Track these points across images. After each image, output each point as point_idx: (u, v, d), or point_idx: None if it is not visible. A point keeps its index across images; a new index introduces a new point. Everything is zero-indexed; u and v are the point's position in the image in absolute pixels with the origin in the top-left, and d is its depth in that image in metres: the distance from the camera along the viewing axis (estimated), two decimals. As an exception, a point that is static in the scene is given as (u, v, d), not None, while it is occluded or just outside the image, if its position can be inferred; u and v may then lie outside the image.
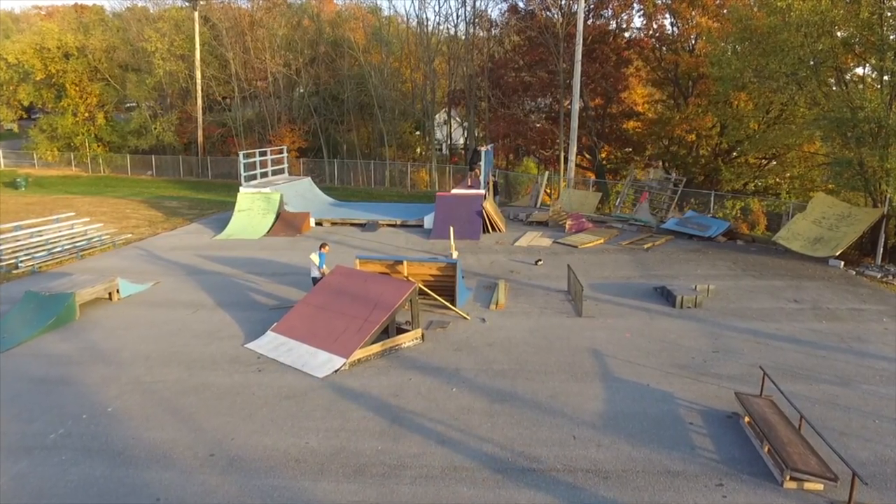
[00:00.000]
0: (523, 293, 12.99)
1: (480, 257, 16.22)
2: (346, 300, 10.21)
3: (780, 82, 15.71)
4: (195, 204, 27.36)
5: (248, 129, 39.48)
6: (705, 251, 16.86)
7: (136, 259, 16.34)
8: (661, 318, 11.44)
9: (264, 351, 9.75)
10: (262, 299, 12.74)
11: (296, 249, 17.25)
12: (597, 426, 7.49)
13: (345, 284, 10.57)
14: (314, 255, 11.86)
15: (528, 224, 20.57)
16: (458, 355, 9.65)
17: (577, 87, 23.92)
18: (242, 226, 19.57)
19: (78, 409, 7.97)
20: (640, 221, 20.15)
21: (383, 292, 9.99)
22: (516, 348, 9.92)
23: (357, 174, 35.86)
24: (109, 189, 33.09)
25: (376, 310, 9.71)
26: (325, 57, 38.43)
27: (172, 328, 10.99)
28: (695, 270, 14.84)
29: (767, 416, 7.25)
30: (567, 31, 27.36)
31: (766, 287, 13.44)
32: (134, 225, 21.75)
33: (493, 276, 14.41)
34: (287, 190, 21.89)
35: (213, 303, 12.53)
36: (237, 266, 15.46)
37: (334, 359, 9.15)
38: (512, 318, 11.43)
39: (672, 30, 28.04)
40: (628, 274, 14.56)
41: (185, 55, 38.40)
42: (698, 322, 11.20)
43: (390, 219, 20.59)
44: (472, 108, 35.22)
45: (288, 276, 14.38)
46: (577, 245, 17.28)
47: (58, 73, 39.34)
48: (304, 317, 10.27)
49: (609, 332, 10.65)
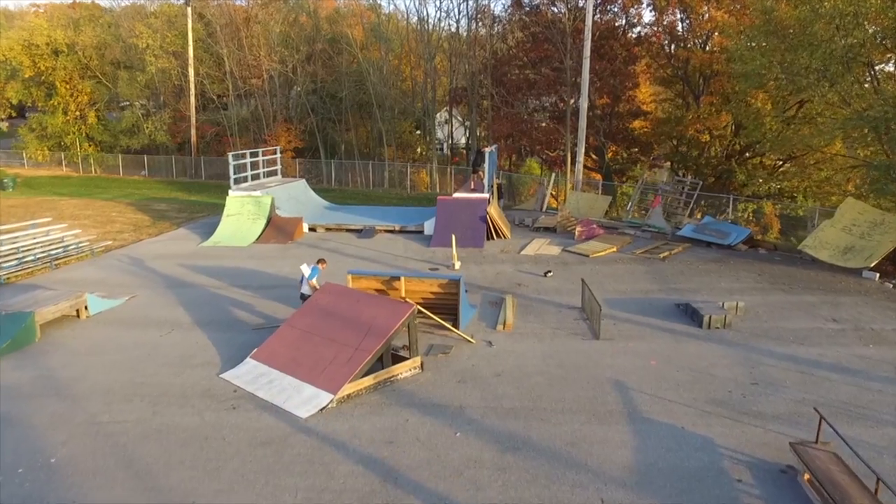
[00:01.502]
0: (533, 310, 11.81)
1: (485, 268, 15.04)
2: (335, 323, 9.03)
3: (811, 78, 14.48)
4: (185, 207, 26.20)
5: (243, 129, 38.28)
6: (726, 261, 15.67)
7: (113, 269, 15.16)
8: (688, 340, 10.26)
9: (242, 382, 8.58)
10: (245, 317, 11.56)
11: (286, 258, 16.07)
12: (627, 485, 6.30)
13: (334, 305, 9.39)
14: (305, 267, 10.68)
15: (534, 230, 19.37)
16: (462, 388, 8.47)
17: (585, 85, 22.71)
18: (231, 232, 18.38)
19: (15, 458, 6.80)
20: (653, 227, 18.96)
21: (377, 315, 8.81)
22: (528, 379, 8.74)
23: (355, 175, 34.67)
24: (99, 190, 31.94)
25: (369, 336, 8.53)
26: (322, 54, 37.21)
27: (142, 352, 9.81)
28: (717, 283, 13.65)
29: (834, 476, 6.07)
30: (574, 26, 26.11)
31: (799, 303, 12.25)
32: (118, 230, 20.58)
33: (498, 289, 13.23)
34: (280, 193, 20.71)
35: (190, 321, 11.35)
36: (222, 277, 14.28)
37: (320, 394, 7.97)
38: (522, 340, 10.24)
39: (683, 25, 26.78)
40: (646, 287, 13.37)
41: (179, 52, 37.21)
42: (730, 346, 10.01)
43: (388, 224, 19.41)
44: (474, 106, 34.00)
45: (276, 290, 13.19)
46: (589, 254, 16.09)
47: (47, 71, 38.17)
48: (288, 342, 9.09)
49: (632, 359, 9.47)
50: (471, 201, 18.30)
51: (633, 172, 35.73)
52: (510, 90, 30.33)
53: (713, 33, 23.52)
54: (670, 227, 18.77)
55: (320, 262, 10.78)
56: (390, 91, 36.32)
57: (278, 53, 35.82)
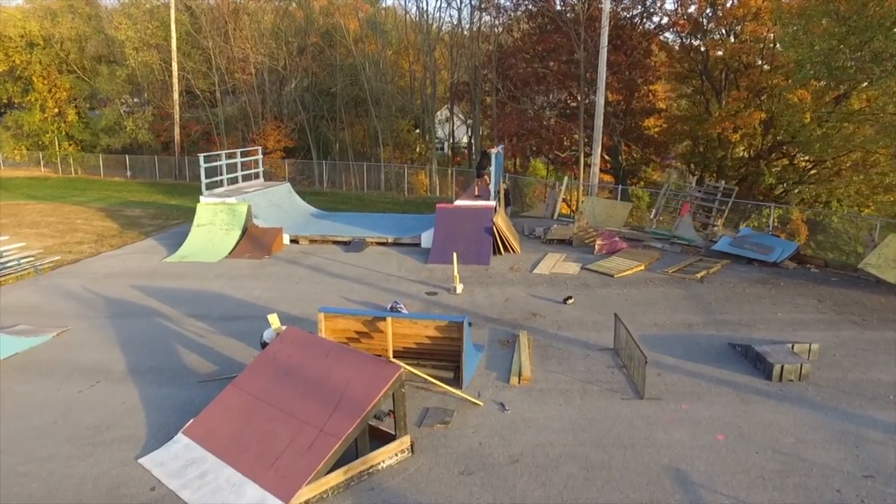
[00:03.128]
0: (554, 353, 9.48)
1: (492, 291, 12.70)
2: (295, 389, 6.70)
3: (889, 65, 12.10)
4: (161, 212, 23.89)
5: (231, 127, 35.97)
6: (775, 283, 13.32)
7: (53, 292, 12.84)
8: (759, 401, 7.92)
9: (165, 473, 6.26)
10: (194, 362, 9.24)
11: (259, 278, 13.76)
12: None
13: (296, 361, 7.06)
14: (274, 318, 8.37)
15: (546, 242, 17.02)
16: (467, 485, 6.15)
17: (602, 78, 20.37)
18: (200, 245, 16.06)
19: None
20: (683, 240, 16.62)
21: (352, 380, 6.48)
22: (557, 469, 6.41)
23: (349, 177, 32.33)
24: (77, 193, 29.65)
25: (339, 412, 6.20)
26: (314, 47, 34.85)
27: (46, 419, 7.50)
28: (772, 314, 11.31)
29: None
30: (588, 13, 23.72)
31: (882, 342, 9.92)
32: (78, 241, 18.26)
33: (510, 321, 10.90)
34: (259, 199, 18.40)
35: (124, 368, 9.03)
36: (178, 304, 11.96)
37: (268, 500, 5.65)
38: (543, 401, 7.91)
39: (708, 13, 24.35)
40: (688, 319, 11.04)
41: (162, 44, 34.88)
42: (815, 410, 7.68)
43: (381, 235, 17.07)
44: (476, 102, 31.63)
45: (240, 322, 10.87)
46: (613, 273, 13.75)
47: (22, 65, 35.86)
48: (233, 413, 6.77)
49: (691, 432, 7.14)
50: (475, 210, 15.97)
51: (644, 174, 33.45)
52: (516, 84, 27.96)
53: (745, 20, 21.13)
54: (704, 239, 16.44)
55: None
56: (387, 87, 33.95)
57: (266, 46, 33.47)
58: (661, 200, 18.77)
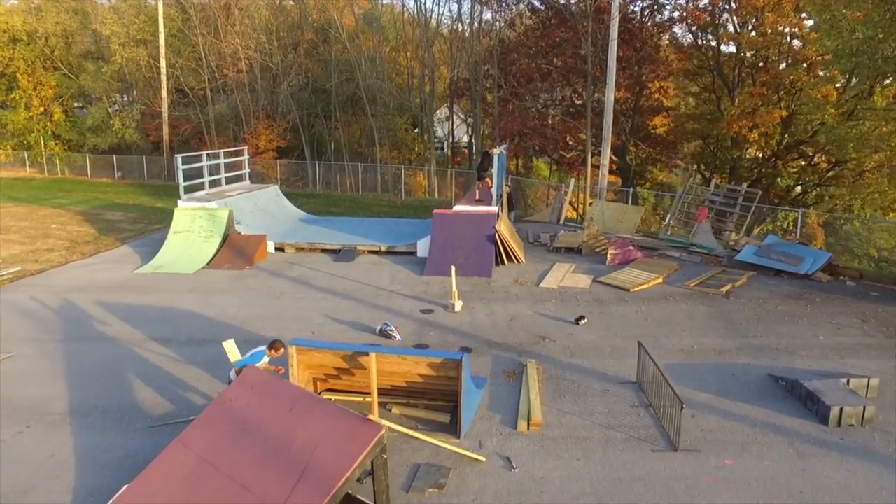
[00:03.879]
0: (568, 388, 8.15)
1: (494, 309, 11.37)
2: (253, 451, 5.37)
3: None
4: (144, 216, 22.56)
5: (222, 126, 34.61)
6: (810, 298, 11.97)
7: (5, 310, 11.50)
8: (817, 454, 6.59)
9: (84, 563, 4.93)
10: (147, 399, 7.92)
11: (236, 292, 12.43)
12: None
13: (255, 413, 5.72)
14: (232, 348, 7.03)
15: (553, 251, 15.67)
16: (465, 580, 4.83)
17: (612, 74, 19.01)
18: (176, 254, 14.72)
19: None
20: (702, 248, 15.28)
21: (321, 444, 5.15)
22: (579, 555, 5.09)
23: (344, 178, 30.98)
24: (61, 194, 28.35)
25: (304, 485, 4.87)
26: (309, 43, 33.50)
27: (-44, 479, 6.18)
28: (813, 337, 9.97)
29: None
30: (596, 5, 22.34)
31: (946, 374, 8.58)
32: (48, 247, 16.95)
33: (515, 346, 9.57)
34: (244, 203, 17.09)
35: (65, 407, 7.71)
36: (143, 324, 10.64)
37: None
38: (558, 454, 6.58)
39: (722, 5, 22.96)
40: (718, 343, 9.70)
41: (150, 40, 33.54)
42: (885, 467, 6.35)
43: (373, 243, 15.73)
44: (477, 100, 30.27)
45: (208, 347, 9.52)
46: (629, 287, 12.40)
47: (5, 61, 34.52)
48: (174, 481, 5.43)
49: (741, 497, 5.82)
50: (475, 216, 14.63)
51: (650, 174, 32.11)
52: (519, 81, 26.59)
53: (765, 11, 19.75)
54: (725, 248, 15.10)
55: (273, 349, 7.02)
56: (384, 84, 32.59)
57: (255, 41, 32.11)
58: (676, 204, 17.42)
